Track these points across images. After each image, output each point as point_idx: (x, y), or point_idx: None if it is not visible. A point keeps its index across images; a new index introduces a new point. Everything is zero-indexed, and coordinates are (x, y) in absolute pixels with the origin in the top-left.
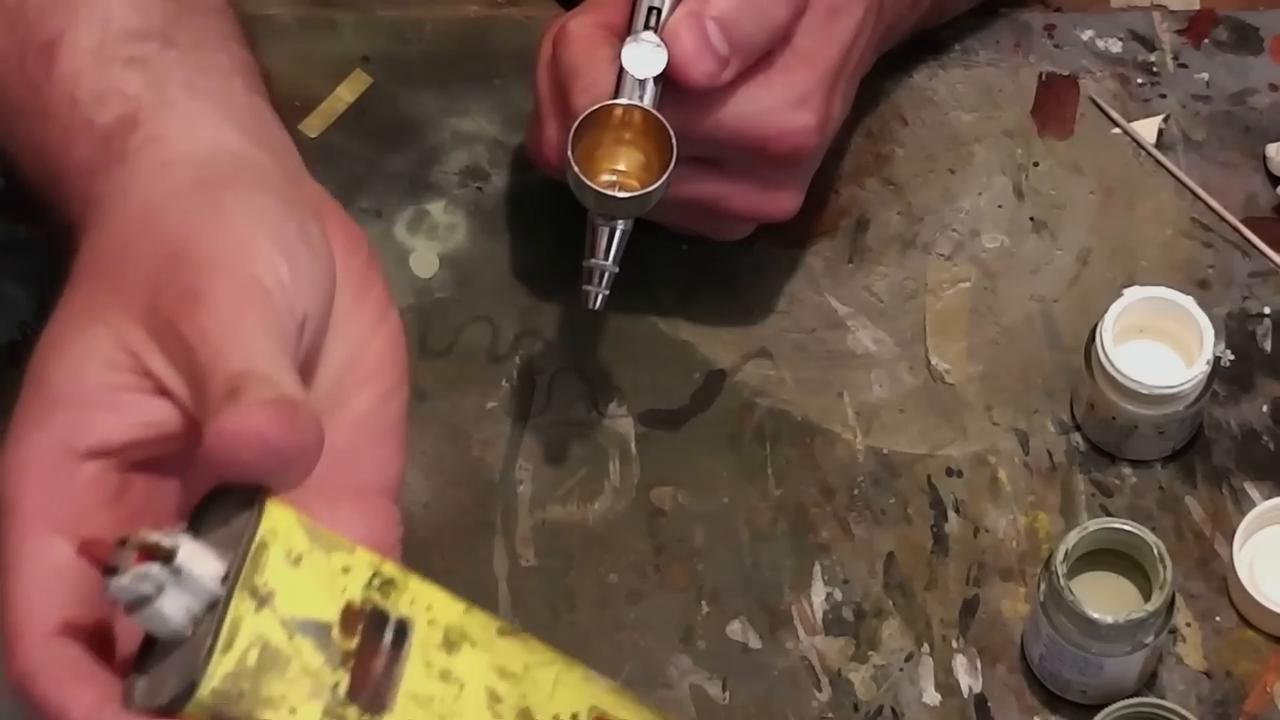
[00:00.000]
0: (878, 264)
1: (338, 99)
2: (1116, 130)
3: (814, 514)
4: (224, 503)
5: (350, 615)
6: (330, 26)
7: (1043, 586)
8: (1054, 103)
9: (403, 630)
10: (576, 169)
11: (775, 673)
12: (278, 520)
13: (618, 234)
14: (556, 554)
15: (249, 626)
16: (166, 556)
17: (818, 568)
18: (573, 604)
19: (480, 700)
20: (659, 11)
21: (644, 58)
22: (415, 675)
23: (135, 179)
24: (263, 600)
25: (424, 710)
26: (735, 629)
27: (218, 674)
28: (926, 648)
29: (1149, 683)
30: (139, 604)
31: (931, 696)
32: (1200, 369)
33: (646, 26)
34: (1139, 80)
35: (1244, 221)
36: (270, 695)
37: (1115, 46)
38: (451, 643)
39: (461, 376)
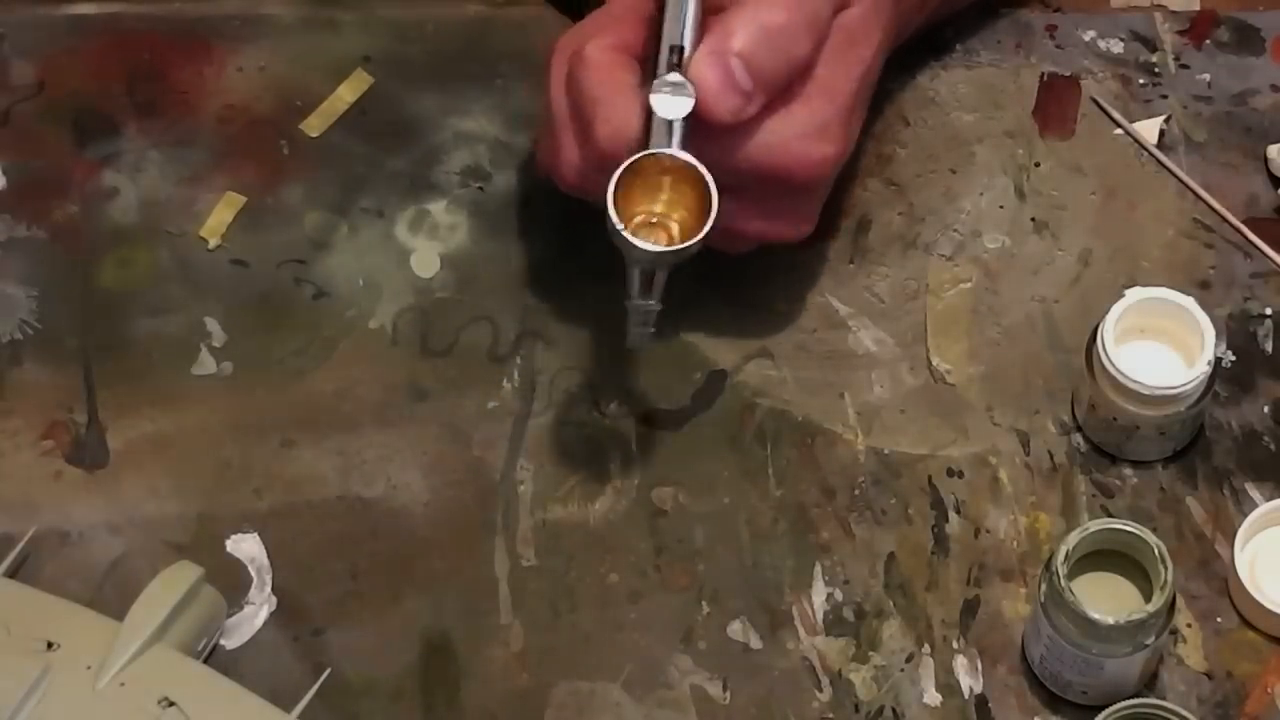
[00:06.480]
0: (879, 264)
1: (339, 99)
2: (1118, 131)
3: (815, 514)
4: None
5: None
6: (332, 26)
7: (1043, 587)
8: (1055, 103)
9: None
10: (620, 225)
11: (776, 673)
12: None
13: (659, 274)
14: (557, 554)
15: None
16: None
17: (818, 568)
18: (573, 604)
19: None
20: (681, 50)
21: (671, 99)
22: None
23: None
24: None
25: None
26: (736, 629)
27: None
28: (927, 648)
29: (1150, 683)
30: None
31: (932, 697)
32: (1201, 370)
33: (670, 66)
34: (1140, 81)
35: (1245, 222)
36: None
37: (1117, 47)
38: None
39: (463, 376)
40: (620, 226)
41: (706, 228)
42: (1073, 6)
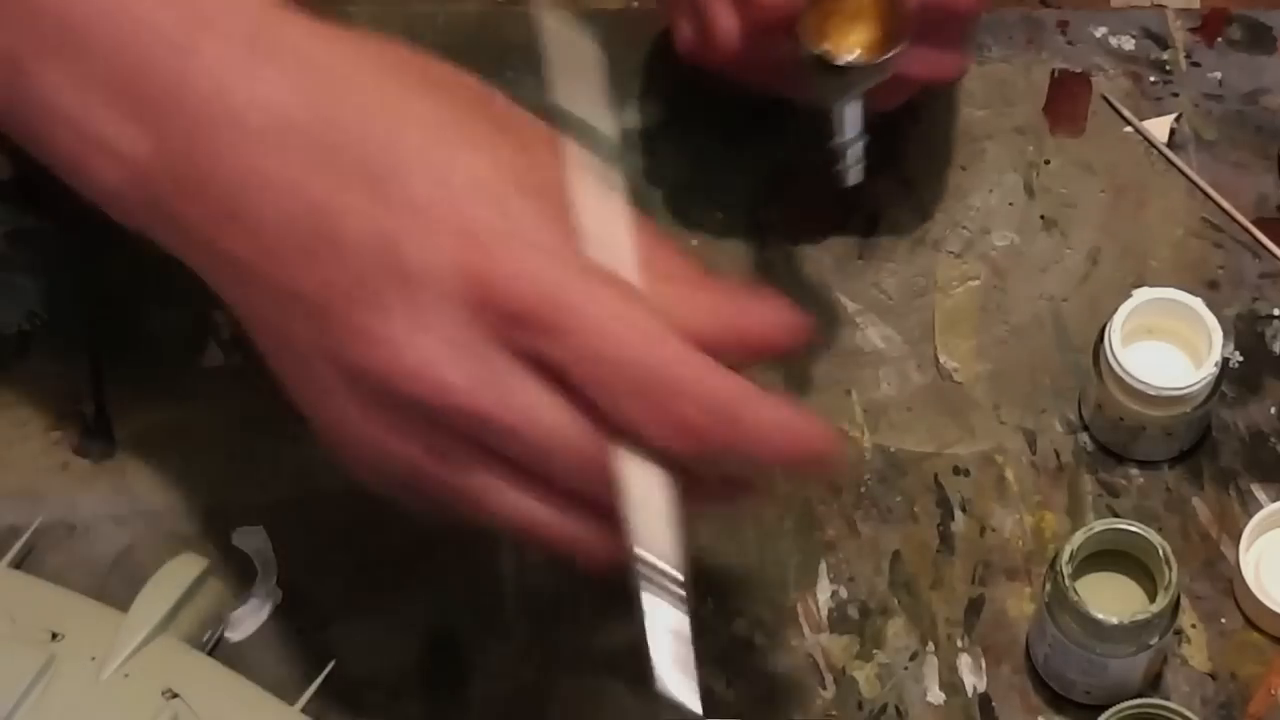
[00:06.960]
0: (887, 260)
1: None
2: (1128, 129)
3: (820, 511)
4: None
5: None
6: (343, 18)
7: (1048, 586)
8: (1066, 100)
9: None
10: (817, 48)
11: (779, 670)
12: None
13: (857, 104)
14: None
15: None
16: None
17: (823, 565)
18: (579, 599)
19: None
20: None
21: None
22: None
23: None
24: None
25: None
26: (740, 626)
27: None
28: (931, 646)
29: (1153, 684)
30: None
31: (936, 695)
32: (1209, 370)
33: None
34: (1152, 78)
35: (1255, 222)
36: None
37: (1128, 44)
38: None
39: None
40: (818, 50)
41: (903, 43)
42: (1070, 4)
